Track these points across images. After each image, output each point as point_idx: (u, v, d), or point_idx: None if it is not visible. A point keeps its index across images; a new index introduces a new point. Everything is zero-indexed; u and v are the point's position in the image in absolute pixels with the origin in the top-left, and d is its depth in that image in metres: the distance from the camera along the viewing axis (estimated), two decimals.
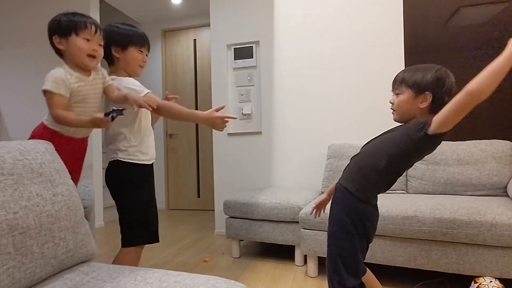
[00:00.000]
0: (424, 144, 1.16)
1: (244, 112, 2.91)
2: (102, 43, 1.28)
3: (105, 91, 1.34)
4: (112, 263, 1.39)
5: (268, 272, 2.02)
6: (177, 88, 4.25)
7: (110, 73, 1.44)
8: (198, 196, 4.15)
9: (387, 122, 2.57)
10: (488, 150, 2.05)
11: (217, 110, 1.38)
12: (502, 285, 1.47)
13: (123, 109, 1.16)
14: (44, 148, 1.03)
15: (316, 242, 1.88)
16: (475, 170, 2.02)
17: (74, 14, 1.22)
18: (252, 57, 2.89)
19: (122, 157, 1.37)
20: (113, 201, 1.47)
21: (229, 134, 2.92)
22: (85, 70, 1.25)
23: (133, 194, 1.42)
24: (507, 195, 1.94)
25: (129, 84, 1.35)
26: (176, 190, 4.24)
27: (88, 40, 1.20)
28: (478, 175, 2.00)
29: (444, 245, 1.62)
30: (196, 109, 4.17)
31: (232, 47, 2.94)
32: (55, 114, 1.16)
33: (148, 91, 1.35)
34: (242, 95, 2.93)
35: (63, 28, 1.18)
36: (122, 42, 1.39)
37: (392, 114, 1.28)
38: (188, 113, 1.41)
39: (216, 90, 2.99)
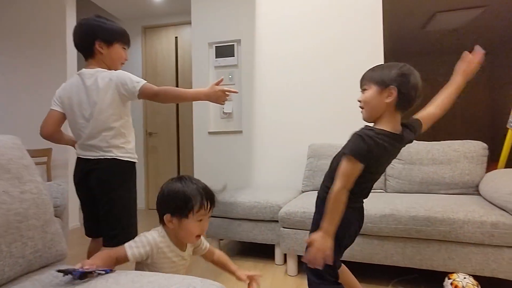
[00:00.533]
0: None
1: (225, 111, 2.89)
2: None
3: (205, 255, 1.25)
4: None
5: (248, 271, 2.00)
6: (157, 86, 4.17)
7: (86, 66, 1.40)
8: None
9: (364, 123, 2.62)
10: (461, 150, 2.12)
11: (216, 84, 1.41)
12: (476, 282, 1.51)
13: None
14: (12, 144, 0.98)
15: (296, 241, 1.88)
16: (448, 169, 2.09)
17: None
18: (233, 56, 2.87)
19: (121, 155, 1.34)
20: None
21: (210, 133, 2.89)
22: (183, 244, 1.13)
23: (132, 195, 1.42)
24: (479, 194, 2.01)
25: (124, 75, 1.33)
26: (156, 190, 4.14)
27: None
28: (451, 174, 2.07)
29: (419, 242, 1.66)
30: (177, 109, 4.11)
31: (214, 45, 2.92)
32: None
33: (144, 81, 1.35)
34: None
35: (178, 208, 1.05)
36: (108, 38, 1.37)
37: (361, 113, 1.26)
38: (190, 92, 1.41)
39: (197, 88, 2.95)
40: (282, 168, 2.73)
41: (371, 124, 1.24)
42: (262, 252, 2.28)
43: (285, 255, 2.06)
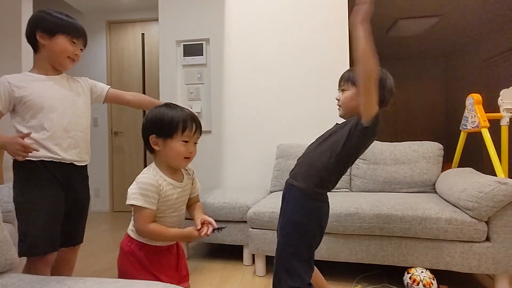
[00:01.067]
0: (364, 137, 1.23)
1: (193, 111, 2.83)
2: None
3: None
4: None
5: (216, 273, 1.99)
6: (123, 83, 4.02)
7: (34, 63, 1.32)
8: None
9: (332, 122, 2.69)
10: (420, 151, 2.24)
11: (22, 137, 1.16)
12: (433, 276, 1.60)
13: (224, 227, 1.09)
14: None
15: (264, 241, 1.89)
16: (409, 169, 2.20)
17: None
18: (202, 55, 2.83)
19: None
20: None
21: None
22: (177, 174, 1.12)
23: (24, 198, 1.27)
24: (435, 192, 2.13)
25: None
26: (121, 192, 4.01)
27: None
28: (411, 173, 2.18)
29: (382, 239, 1.73)
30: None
31: (182, 44, 2.86)
32: (141, 229, 1.03)
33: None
34: (191, 93, 2.86)
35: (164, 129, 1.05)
36: (49, 28, 1.26)
37: (338, 110, 1.35)
38: None
39: (165, 87, 2.88)
40: (252, 168, 2.73)
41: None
42: (231, 253, 2.27)
43: (253, 255, 2.06)
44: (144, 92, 4.00)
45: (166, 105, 1.08)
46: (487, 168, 2.11)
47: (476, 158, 4.50)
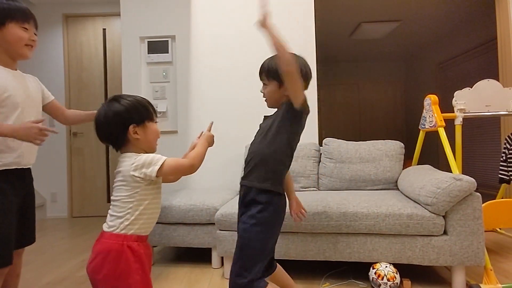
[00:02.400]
0: (300, 118, 1.31)
1: (159, 110, 2.74)
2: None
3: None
4: None
5: (184, 278, 1.92)
6: (83, 82, 3.80)
7: None
8: (108, 201, 3.77)
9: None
10: (383, 149, 2.31)
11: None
12: (396, 270, 1.66)
13: None
14: None
15: (233, 243, 1.85)
16: (373, 167, 2.27)
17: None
18: (167, 52, 2.74)
19: None
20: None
21: None
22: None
23: None
24: (397, 188, 2.22)
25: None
26: (81, 196, 3.78)
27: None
28: (375, 171, 2.25)
29: (348, 237, 1.76)
30: None
31: (146, 40, 2.75)
32: (191, 165, 1.09)
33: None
34: (156, 91, 2.76)
35: None
36: None
37: (266, 102, 1.45)
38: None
39: (128, 85, 2.76)
40: (219, 169, 2.68)
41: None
42: (199, 256, 2.21)
43: (222, 258, 2.02)
44: (105, 91, 3.81)
45: (117, 98, 1.06)
46: (442, 164, 2.24)
47: (433, 156, 4.77)
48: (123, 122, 1.02)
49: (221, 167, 2.69)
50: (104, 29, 3.80)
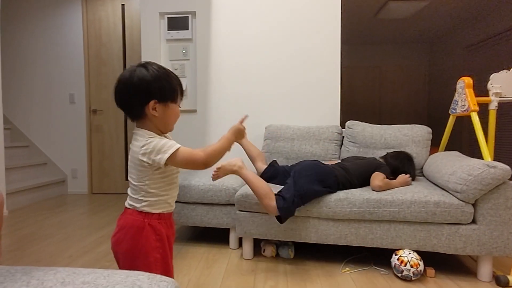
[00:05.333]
0: None
1: None
2: None
3: None
4: None
5: (201, 257, 1.93)
6: (102, 58, 3.79)
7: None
8: (126, 179, 3.83)
9: (322, 106, 2.62)
10: (410, 135, 2.21)
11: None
12: (419, 257, 1.61)
13: None
14: None
15: (252, 224, 1.84)
16: None
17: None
18: (187, 29, 2.67)
19: None
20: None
21: None
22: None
23: None
24: (423, 175, 2.13)
25: None
26: (100, 173, 3.85)
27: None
28: None
29: (371, 223, 1.71)
30: None
31: (166, 16, 2.68)
32: (204, 158, 0.99)
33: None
34: (176, 69, 2.71)
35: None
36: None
37: None
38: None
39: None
40: (239, 149, 2.64)
41: None
42: (217, 236, 2.22)
43: (240, 239, 2.01)
44: (124, 68, 3.79)
45: (145, 64, 0.96)
46: (464, 151, 2.13)
47: (456, 143, 4.59)
48: (144, 93, 0.93)
49: (240, 147, 2.65)
50: (123, 5, 3.75)
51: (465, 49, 5.11)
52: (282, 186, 1.75)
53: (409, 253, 1.63)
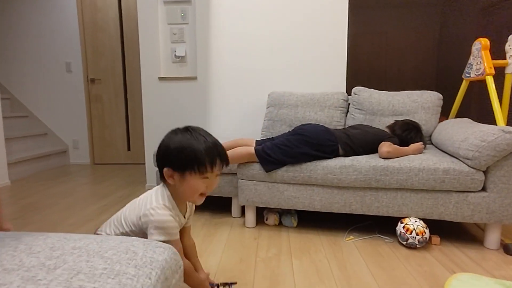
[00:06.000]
0: None
1: (177, 54, 2.58)
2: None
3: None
4: None
5: (203, 226, 1.92)
6: (98, 25, 3.63)
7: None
8: (129, 149, 3.80)
9: (327, 72, 2.51)
10: (419, 101, 2.12)
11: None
12: (426, 225, 1.58)
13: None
14: None
15: (255, 192, 1.80)
16: None
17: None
18: None
19: None
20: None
21: (160, 79, 2.59)
22: (184, 204, 1.04)
23: None
24: (431, 143, 2.06)
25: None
26: (102, 143, 3.81)
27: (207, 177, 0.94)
28: None
29: (377, 191, 1.66)
30: (123, 50, 3.64)
31: None
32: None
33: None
34: (174, 34, 2.58)
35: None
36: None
37: None
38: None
39: (144, 28, 2.57)
40: (240, 118, 2.57)
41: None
42: (218, 205, 2.20)
43: (242, 207, 1.99)
44: (122, 35, 3.63)
45: (185, 130, 0.95)
46: (473, 119, 2.04)
47: (462, 111, 4.47)
48: (160, 159, 0.95)
49: (242, 115, 2.57)
50: None
51: (481, 11, 4.84)
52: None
53: (415, 221, 1.59)
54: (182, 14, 2.55)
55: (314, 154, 1.70)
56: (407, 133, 1.89)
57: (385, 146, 1.69)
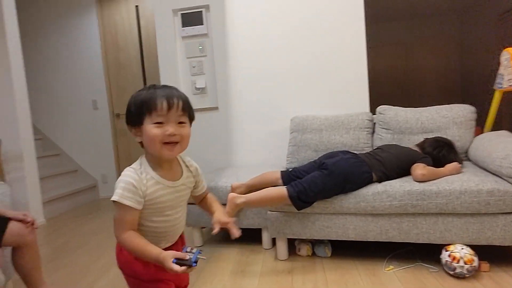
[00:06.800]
0: None
1: (197, 86, 2.63)
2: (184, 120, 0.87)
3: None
4: None
5: (235, 259, 1.87)
6: (121, 63, 3.79)
7: None
8: None
9: (349, 92, 2.48)
10: (450, 116, 2.02)
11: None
12: (473, 252, 1.46)
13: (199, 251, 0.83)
14: None
15: (285, 223, 1.75)
16: None
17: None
18: (202, 24, 2.57)
19: None
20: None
21: None
22: (173, 170, 0.92)
23: None
24: (468, 159, 1.95)
25: None
26: None
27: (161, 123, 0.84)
28: None
29: (415, 216, 1.57)
30: (145, 83, 3.77)
31: (179, 13, 2.60)
32: (117, 236, 0.87)
33: None
34: (194, 67, 2.64)
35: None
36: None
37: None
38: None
39: (164, 62, 2.66)
40: (264, 145, 2.55)
41: None
42: (249, 237, 2.15)
43: (273, 238, 1.93)
44: (143, 70, 3.77)
45: (144, 88, 0.89)
46: (506, 129, 1.92)
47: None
48: (127, 121, 0.89)
49: (266, 142, 2.56)
50: (136, 6, 3.71)
51: (499, 17, 4.69)
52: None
53: (462, 248, 1.48)
54: (200, 47, 2.62)
55: (348, 188, 1.64)
56: (438, 151, 1.79)
57: (419, 169, 1.61)
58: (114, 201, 0.84)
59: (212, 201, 1.07)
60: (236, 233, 0.99)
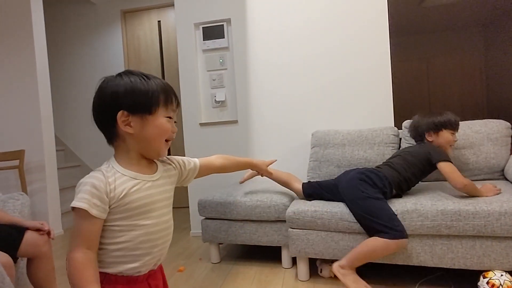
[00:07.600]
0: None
1: (217, 100, 2.61)
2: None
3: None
4: None
5: (254, 277, 1.79)
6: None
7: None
8: None
9: (372, 107, 2.40)
10: (483, 132, 1.91)
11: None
12: None
13: None
14: None
15: (307, 242, 1.66)
16: (471, 154, 1.88)
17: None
18: (223, 37, 2.58)
19: None
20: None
21: (201, 125, 2.62)
22: (150, 166, 0.83)
23: None
24: (505, 178, 1.82)
25: None
26: None
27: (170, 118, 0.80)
28: (475, 159, 1.86)
29: (449, 239, 1.45)
30: None
31: (200, 27, 2.62)
32: (68, 254, 0.71)
33: None
34: (214, 80, 2.63)
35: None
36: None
37: None
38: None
39: (185, 75, 2.67)
40: (284, 160, 2.48)
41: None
42: (267, 254, 2.07)
43: (293, 258, 1.84)
44: None
45: (127, 73, 0.78)
46: None
47: None
48: (107, 106, 0.75)
49: (286, 157, 2.49)
50: (159, 21, 3.79)
51: None
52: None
53: (501, 275, 1.35)
54: (221, 60, 2.62)
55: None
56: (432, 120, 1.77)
57: (457, 175, 1.51)
58: (72, 208, 0.71)
59: (230, 156, 1.17)
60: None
